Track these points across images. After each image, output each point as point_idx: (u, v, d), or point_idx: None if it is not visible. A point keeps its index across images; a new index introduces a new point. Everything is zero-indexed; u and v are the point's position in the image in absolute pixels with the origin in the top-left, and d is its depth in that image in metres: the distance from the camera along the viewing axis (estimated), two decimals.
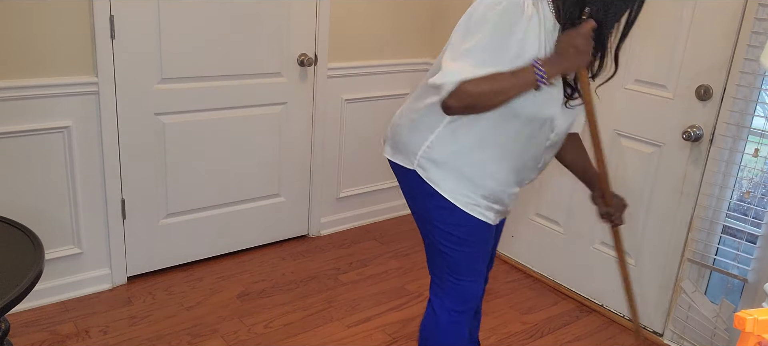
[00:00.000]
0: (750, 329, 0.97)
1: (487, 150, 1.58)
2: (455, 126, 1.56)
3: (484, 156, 1.58)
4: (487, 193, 1.63)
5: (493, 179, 1.61)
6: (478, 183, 1.60)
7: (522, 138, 1.58)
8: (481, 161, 1.59)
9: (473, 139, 1.56)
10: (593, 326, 2.64)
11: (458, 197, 1.61)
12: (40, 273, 1.62)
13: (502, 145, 1.58)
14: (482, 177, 1.60)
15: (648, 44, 2.41)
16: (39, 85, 2.25)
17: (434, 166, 1.60)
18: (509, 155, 1.60)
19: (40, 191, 2.36)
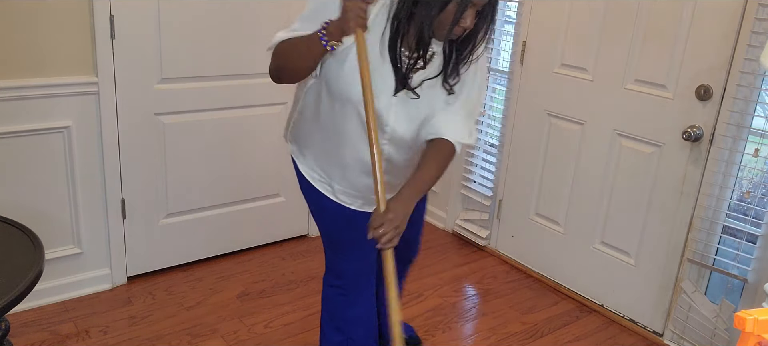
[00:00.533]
0: (750, 329, 0.97)
1: (319, 131, 1.63)
2: (301, 106, 1.65)
3: (319, 137, 1.64)
4: (334, 174, 1.66)
5: (335, 162, 1.65)
6: (323, 163, 1.67)
7: (340, 122, 1.56)
8: (319, 142, 1.65)
9: (309, 118, 1.65)
10: (593, 326, 2.64)
11: (310, 173, 1.69)
12: (40, 273, 1.62)
13: (325, 127, 1.60)
14: (324, 158, 1.66)
15: (648, 44, 2.41)
16: (39, 85, 2.25)
17: (293, 143, 1.74)
18: (336, 141, 1.60)
19: (40, 191, 2.36)
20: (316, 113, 1.60)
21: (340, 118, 1.56)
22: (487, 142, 3.24)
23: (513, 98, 2.99)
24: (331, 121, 1.58)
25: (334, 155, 1.63)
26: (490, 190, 3.20)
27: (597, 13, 2.57)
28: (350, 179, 1.65)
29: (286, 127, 1.75)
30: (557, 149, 2.83)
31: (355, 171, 1.62)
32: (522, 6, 2.89)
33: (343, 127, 1.57)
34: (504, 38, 3.10)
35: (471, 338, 2.50)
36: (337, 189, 1.66)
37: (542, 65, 2.83)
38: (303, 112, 1.65)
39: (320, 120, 1.60)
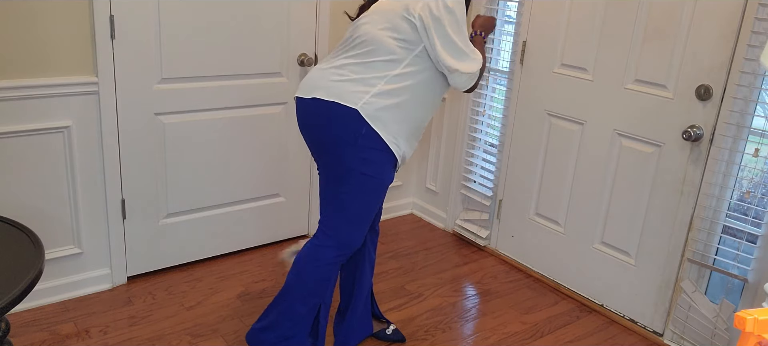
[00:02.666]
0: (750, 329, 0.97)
1: (421, 104, 1.99)
2: (394, 80, 1.93)
3: (420, 109, 2.00)
4: (406, 140, 2.01)
5: (417, 127, 2.03)
6: (405, 131, 1.99)
7: (439, 93, 2.05)
8: (417, 113, 2.00)
9: (419, 95, 1.98)
10: (593, 326, 2.64)
11: (393, 141, 1.94)
12: (40, 273, 1.62)
13: (428, 100, 2.02)
14: (411, 125, 2.00)
15: (648, 44, 2.41)
16: (39, 85, 2.25)
17: (377, 117, 1.91)
18: (429, 108, 2.04)
19: (40, 191, 2.36)
20: (426, 91, 1.98)
21: (440, 90, 2.04)
22: (487, 142, 3.24)
23: (513, 98, 2.99)
24: (434, 94, 2.02)
25: (420, 120, 2.02)
26: (490, 190, 3.20)
27: (597, 13, 2.57)
28: (414, 138, 2.05)
29: (357, 100, 1.90)
30: (557, 149, 2.83)
31: (423, 126, 2.07)
32: (522, 6, 2.89)
33: (438, 99, 2.06)
34: (504, 38, 3.10)
35: (471, 338, 2.50)
36: (401, 148, 1.98)
37: (542, 65, 2.83)
38: (411, 91, 1.94)
39: (427, 96, 1.99)
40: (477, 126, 3.23)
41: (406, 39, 1.91)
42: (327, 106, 1.92)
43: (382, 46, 1.92)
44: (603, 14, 2.55)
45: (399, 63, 1.92)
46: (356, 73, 1.93)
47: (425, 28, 1.89)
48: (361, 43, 1.96)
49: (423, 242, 3.32)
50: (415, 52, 1.92)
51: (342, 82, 1.92)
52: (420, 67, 1.94)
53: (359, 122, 1.89)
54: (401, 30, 1.91)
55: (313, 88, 1.96)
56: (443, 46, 1.89)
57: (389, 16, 1.93)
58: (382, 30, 1.93)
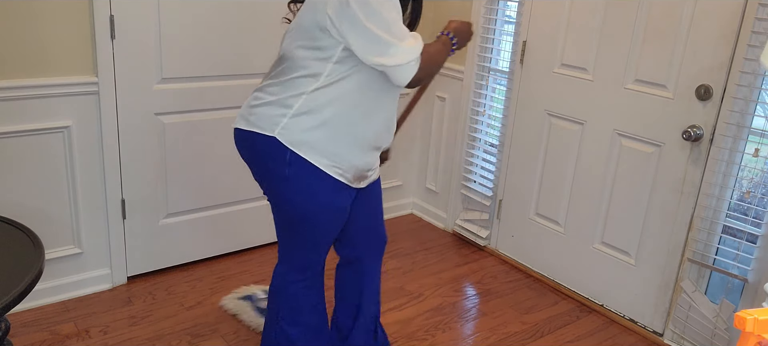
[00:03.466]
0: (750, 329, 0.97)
1: (354, 112, 1.72)
2: (313, 97, 1.68)
3: (352, 118, 1.72)
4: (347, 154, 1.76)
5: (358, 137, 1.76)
6: (340, 145, 1.74)
7: (386, 97, 1.78)
8: (349, 124, 1.73)
9: (348, 103, 1.71)
10: (593, 326, 2.64)
11: (320, 160, 1.71)
12: (40, 273, 1.62)
13: (366, 106, 1.74)
14: (346, 138, 1.74)
15: (648, 44, 2.41)
16: (39, 85, 2.25)
17: (293, 137, 1.69)
18: (371, 115, 1.77)
19: (40, 191, 2.36)
20: (362, 99, 1.72)
21: (386, 90, 1.76)
22: (487, 142, 3.24)
23: (513, 98, 2.99)
24: (376, 99, 1.75)
25: (368, 132, 1.76)
26: (490, 190, 3.20)
27: (597, 13, 2.57)
28: (364, 150, 1.78)
29: (274, 126, 1.70)
30: (557, 149, 2.83)
31: (380, 135, 1.81)
32: (522, 6, 2.89)
33: (385, 100, 1.78)
34: (504, 38, 3.10)
35: (471, 338, 2.50)
36: (346, 167, 1.75)
37: (542, 65, 2.83)
38: (339, 103, 1.69)
39: (367, 103, 1.73)
40: (477, 126, 3.23)
41: (320, 46, 1.65)
42: (245, 137, 1.75)
43: (296, 60, 1.69)
44: (603, 14, 2.55)
45: (317, 76, 1.67)
46: (273, 94, 1.71)
47: (335, 24, 1.61)
48: (280, 60, 1.75)
49: (423, 242, 3.32)
50: (333, 59, 1.66)
51: (259, 107, 1.72)
52: (345, 74, 1.67)
53: (281, 150, 1.68)
54: (314, 37, 1.66)
55: (238, 117, 1.80)
56: (360, 40, 1.61)
57: (303, 22, 1.69)
58: (294, 42, 1.71)
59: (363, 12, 1.59)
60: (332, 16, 1.60)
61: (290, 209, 1.78)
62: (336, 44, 1.64)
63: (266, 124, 1.69)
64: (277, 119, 1.68)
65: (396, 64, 1.64)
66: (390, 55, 1.63)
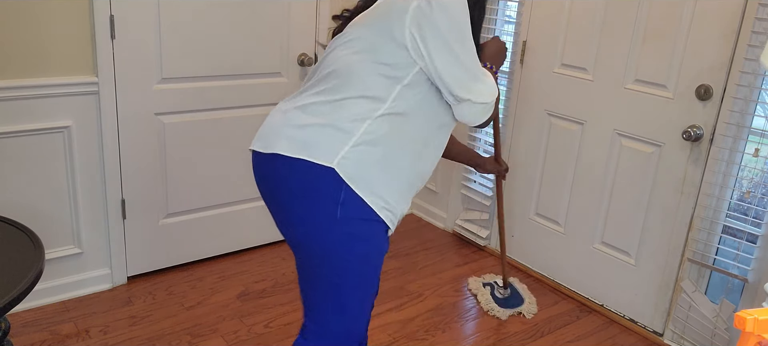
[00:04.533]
0: (750, 329, 0.97)
1: (412, 147, 1.47)
2: (378, 125, 1.40)
3: (412, 153, 1.48)
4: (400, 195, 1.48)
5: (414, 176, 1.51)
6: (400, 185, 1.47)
7: (442, 129, 1.54)
8: (410, 159, 1.48)
9: (409, 135, 1.46)
10: (593, 326, 2.64)
11: (378, 202, 1.42)
12: (40, 273, 1.62)
13: (424, 139, 1.50)
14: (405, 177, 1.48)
15: (648, 44, 2.41)
16: (39, 85, 2.25)
17: (355, 172, 1.39)
18: (426, 151, 1.52)
19: (40, 191, 2.36)
20: (427, 131, 1.48)
21: (447, 130, 1.55)
22: (487, 142, 3.24)
23: (513, 98, 2.99)
24: (439, 133, 1.52)
25: (421, 172, 1.52)
26: (490, 190, 3.20)
27: (597, 13, 2.57)
28: (412, 193, 1.52)
29: (333, 154, 1.38)
30: (557, 149, 2.83)
31: (427, 176, 1.57)
32: (522, 6, 2.89)
33: (444, 138, 1.56)
34: (504, 38, 3.10)
35: (471, 338, 2.50)
36: (395, 211, 1.46)
37: (542, 65, 2.83)
38: (404, 134, 1.43)
39: (429, 136, 1.50)
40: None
41: (391, 63, 1.40)
42: (291, 164, 1.40)
43: (359, 77, 1.41)
44: (603, 14, 2.55)
45: (381, 100, 1.40)
46: (323, 115, 1.41)
47: (418, 43, 1.37)
48: (331, 75, 1.45)
49: (423, 242, 3.32)
50: (404, 80, 1.41)
51: (309, 129, 1.40)
52: (412, 102, 1.43)
53: (337, 186, 1.37)
54: (384, 51, 1.40)
55: (273, 139, 1.44)
56: (448, 66, 1.39)
57: (369, 32, 1.43)
58: (357, 54, 1.42)
59: (453, 34, 1.38)
60: (414, 31, 1.37)
61: (336, 259, 1.43)
62: (411, 64, 1.40)
63: (323, 152, 1.37)
64: (337, 147, 1.37)
65: (481, 101, 1.44)
66: (475, 91, 1.43)
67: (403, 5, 1.38)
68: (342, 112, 1.40)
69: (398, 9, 1.39)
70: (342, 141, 1.38)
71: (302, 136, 1.40)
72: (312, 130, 1.40)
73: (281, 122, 1.45)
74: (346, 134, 1.38)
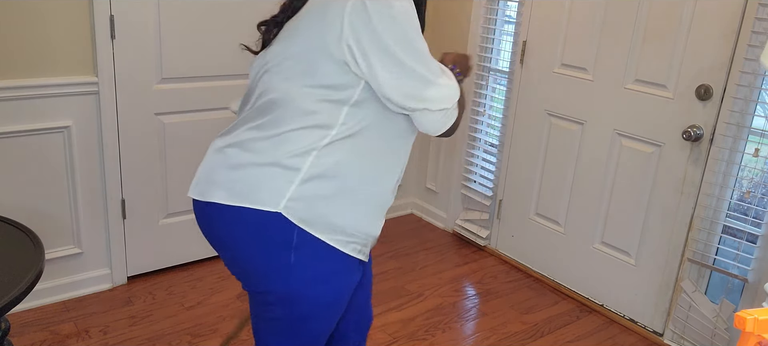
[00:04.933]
0: (750, 329, 0.97)
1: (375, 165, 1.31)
2: (326, 154, 1.24)
3: (375, 173, 1.31)
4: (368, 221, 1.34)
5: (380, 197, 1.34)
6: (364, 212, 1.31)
7: (404, 141, 1.38)
8: (372, 180, 1.31)
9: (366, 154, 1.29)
10: (593, 326, 2.64)
11: (338, 238, 1.27)
12: (40, 273, 1.62)
13: (385, 157, 1.34)
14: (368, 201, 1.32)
15: (648, 44, 2.41)
16: (39, 85, 2.25)
17: (306, 211, 1.23)
18: (391, 166, 1.36)
19: (40, 191, 2.36)
20: (382, 148, 1.32)
21: (409, 139, 1.38)
22: (487, 142, 3.24)
23: (513, 98, 2.99)
24: (398, 148, 1.36)
25: (383, 188, 1.34)
26: (490, 190, 3.20)
27: (597, 13, 2.57)
28: (383, 212, 1.37)
29: (278, 197, 1.22)
30: (557, 149, 2.83)
31: (391, 193, 1.38)
32: (522, 6, 2.89)
33: (407, 148, 1.38)
34: (504, 38, 3.10)
35: (471, 338, 2.50)
36: (364, 239, 1.32)
37: (542, 65, 2.83)
38: (359, 157, 1.28)
39: (384, 154, 1.33)
40: (477, 126, 3.23)
41: (332, 84, 1.23)
42: (232, 214, 1.25)
43: (299, 105, 1.24)
44: (603, 14, 2.55)
45: (331, 125, 1.24)
46: (263, 152, 1.24)
47: (356, 56, 1.20)
48: (268, 106, 1.28)
49: (423, 242, 3.32)
50: (352, 99, 1.24)
51: (245, 170, 1.24)
52: (364, 121, 1.26)
53: (286, 230, 1.22)
54: (321, 72, 1.23)
55: (209, 185, 1.29)
56: (393, 76, 1.21)
57: (301, 49, 1.25)
58: (292, 80, 1.26)
59: (396, 37, 1.20)
60: (351, 43, 1.20)
61: (291, 307, 1.30)
62: (355, 82, 1.23)
63: (265, 196, 1.22)
64: (281, 188, 1.22)
65: (441, 109, 1.27)
66: (429, 98, 1.25)
67: (336, 12, 1.21)
68: (284, 146, 1.23)
69: (331, 18, 1.21)
70: (287, 180, 1.22)
71: (241, 179, 1.24)
72: (251, 171, 1.24)
73: (217, 163, 1.30)
74: (291, 172, 1.22)
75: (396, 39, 1.20)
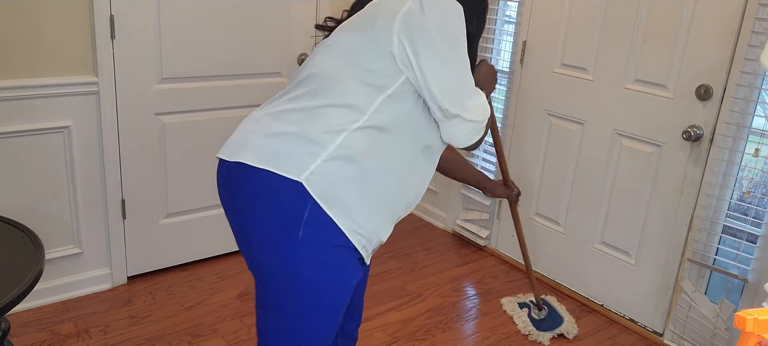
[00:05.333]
0: (750, 329, 0.97)
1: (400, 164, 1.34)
2: (355, 138, 1.26)
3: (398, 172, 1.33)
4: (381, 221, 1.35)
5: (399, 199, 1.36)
6: (382, 211, 1.33)
7: (433, 156, 1.42)
8: (396, 180, 1.33)
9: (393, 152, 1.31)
10: (593, 326, 2.64)
11: (354, 230, 1.28)
12: (40, 273, 1.62)
13: (418, 162, 1.37)
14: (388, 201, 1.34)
15: (648, 44, 2.41)
16: (39, 85, 2.25)
17: (334, 180, 1.25)
18: (419, 174, 1.40)
19: (40, 191, 2.36)
20: (409, 150, 1.34)
21: (436, 151, 1.41)
22: (487, 142, 3.24)
23: (513, 98, 2.99)
24: (425, 155, 1.38)
25: (402, 193, 1.35)
26: None
27: (597, 13, 2.57)
28: (393, 220, 1.38)
29: (302, 168, 1.24)
30: (557, 149, 2.83)
31: (413, 203, 1.41)
32: (522, 6, 2.89)
33: (434, 159, 1.42)
34: (504, 38, 3.10)
35: (471, 338, 2.50)
36: (370, 237, 1.31)
37: (542, 65, 2.83)
38: (385, 151, 1.29)
39: (410, 157, 1.35)
40: None
41: (376, 70, 1.28)
42: (255, 175, 1.27)
43: (338, 82, 1.28)
44: (603, 14, 2.55)
45: (361, 110, 1.26)
46: (296, 123, 1.28)
47: (407, 49, 1.26)
48: (307, 80, 1.33)
49: (423, 242, 3.32)
50: (387, 90, 1.28)
51: (280, 139, 1.27)
52: (396, 116, 1.29)
53: (302, 203, 1.23)
54: (370, 57, 1.28)
55: (240, 147, 1.31)
56: (439, 77, 1.26)
57: (352, 35, 1.32)
58: (337, 58, 1.31)
59: (446, 42, 1.25)
60: (402, 37, 1.25)
61: (294, 284, 1.28)
62: (397, 73, 1.27)
63: (291, 164, 1.24)
64: (306, 160, 1.23)
65: (473, 119, 1.30)
66: (467, 107, 1.29)
67: (392, 8, 1.28)
68: (316, 121, 1.26)
69: (386, 12, 1.28)
70: (313, 154, 1.24)
71: (271, 145, 1.27)
72: (282, 139, 1.27)
73: (251, 130, 1.33)
74: (319, 147, 1.24)
75: (447, 43, 1.26)
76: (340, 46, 1.32)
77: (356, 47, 1.29)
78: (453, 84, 1.28)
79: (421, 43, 1.25)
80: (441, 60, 1.26)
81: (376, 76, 1.27)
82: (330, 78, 1.29)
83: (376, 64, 1.27)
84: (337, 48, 1.32)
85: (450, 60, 1.27)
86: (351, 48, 1.30)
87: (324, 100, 1.28)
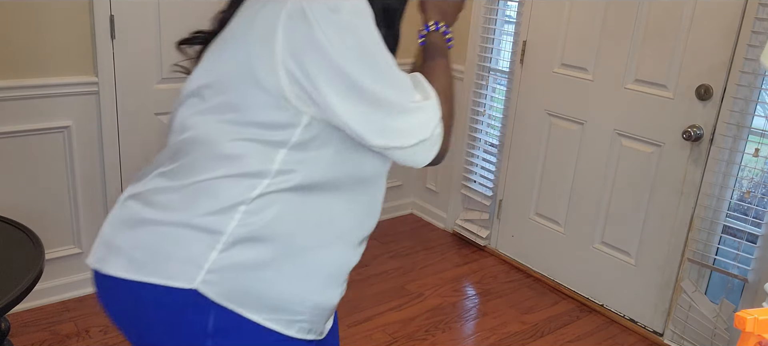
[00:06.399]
0: (750, 329, 0.97)
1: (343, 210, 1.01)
2: (257, 209, 0.93)
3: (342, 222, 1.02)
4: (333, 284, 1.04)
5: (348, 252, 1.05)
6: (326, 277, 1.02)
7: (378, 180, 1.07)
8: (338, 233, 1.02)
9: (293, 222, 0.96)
10: (593, 326, 2.64)
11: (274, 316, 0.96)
12: (40, 273, 1.62)
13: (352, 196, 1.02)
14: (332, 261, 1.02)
15: (648, 44, 2.41)
16: (39, 85, 2.25)
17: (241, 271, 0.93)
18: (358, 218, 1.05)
19: (40, 190, 2.36)
20: (337, 193, 0.99)
21: (380, 179, 1.06)
22: (487, 142, 3.24)
23: (513, 98, 2.99)
24: (359, 192, 1.03)
25: (341, 248, 1.03)
26: (490, 190, 3.20)
27: (597, 13, 2.57)
28: (345, 273, 1.06)
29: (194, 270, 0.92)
30: (557, 149, 2.83)
31: (354, 250, 1.07)
32: (522, 6, 2.88)
33: (379, 185, 1.07)
34: (504, 38, 3.10)
35: (471, 338, 2.50)
36: (315, 311, 1.01)
37: (542, 65, 2.83)
38: (302, 211, 0.96)
39: (339, 203, 1.00)
40: (477, 126, 3.23)
41: (267, 123, 0.92)
42: (135, 291, 0.95)
43: (219, 146, 0.94)
44: (603, 14, 2.55)
45: (263, 172, 0.93)
46: (178, 209, 0.94)
47: (301, 81, 0.90)
48: (181, 147, 0.99)
49: (423, 242, 3.32)
50: (292, 140, 0.93)
51: (153, 232, 0.95)
52: (317, 160, 0.96)
53: (202, 311, 0.92)
54: (254, 106, 0.92)
55: (109, 251, 0.99)
56: (347, 105, 0.90)
57: (222, 74, 0.96)
58: (212, 115, 0.96)
59: (349, 54, 0.89)
60: (291, 66, 0.89)
61: None
62: (295, 119, 0.92)
63: (175, 268, 0.92)
64: (196, 258, 0.92)
65: (418, 141, 0.94)
66: (401, 130, 0.93)
67: (268, 22, 0.91)
68: (199, 201, 0.93)
69: (261, 31, 0.91)
70: (206, 245, 0.92)
71: (145, 243, 0.95)
72: (156, 233, 0.94)
73: (119, 221, 1.00)
74: (210, 235, 0.92)
75: (349, 55, 0.88)
76: (213, 96, 0.96)
77: (233, 95, 0.94)
78: (373, 111, 0.91)
79: (316, 68, 0.88)
80: (348, 85, 0.89)
81: (269, 130, 0.92)
82: (208, 143, 0.95)
83: (265, 114, 0.92)
84: (210, 98, 0.96)
85: (361, 79, 0.89)
86: (227, 97, 0.94)
87: (206, 174, 0.94)
